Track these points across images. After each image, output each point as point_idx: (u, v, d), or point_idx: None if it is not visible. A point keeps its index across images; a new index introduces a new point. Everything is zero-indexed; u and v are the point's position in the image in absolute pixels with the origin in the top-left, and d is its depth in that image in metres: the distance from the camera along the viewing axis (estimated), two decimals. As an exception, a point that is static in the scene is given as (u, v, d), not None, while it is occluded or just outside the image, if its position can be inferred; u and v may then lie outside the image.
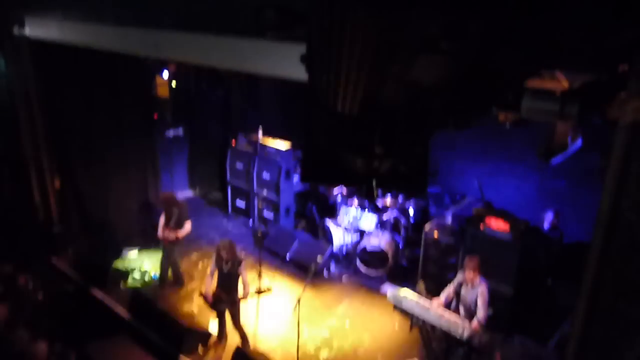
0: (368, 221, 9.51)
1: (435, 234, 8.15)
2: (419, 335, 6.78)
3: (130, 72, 9.34)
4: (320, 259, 8.82)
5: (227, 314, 7.09)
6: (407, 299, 6.64)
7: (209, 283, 7.01)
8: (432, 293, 6.89)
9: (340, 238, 9.65)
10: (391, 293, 6.85)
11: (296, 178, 10.58)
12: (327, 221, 9.90)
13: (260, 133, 10.58)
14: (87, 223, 9.84)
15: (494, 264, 7.14)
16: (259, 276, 8.63)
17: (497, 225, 7.31)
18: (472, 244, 7.54)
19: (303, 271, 8.88)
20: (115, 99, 9.30)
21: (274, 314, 8.09)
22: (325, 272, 9.27)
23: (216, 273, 6.97)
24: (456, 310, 6.56)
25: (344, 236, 9.67)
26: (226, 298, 6.82)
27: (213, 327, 7.41)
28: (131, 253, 9.67)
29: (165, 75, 11.15)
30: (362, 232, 9.66)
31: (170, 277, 8.69)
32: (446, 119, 1.99)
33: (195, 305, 8.21)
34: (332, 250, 9.44)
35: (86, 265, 8.85)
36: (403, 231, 9.52)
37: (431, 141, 2.39)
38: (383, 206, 9.72)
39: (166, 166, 11.60)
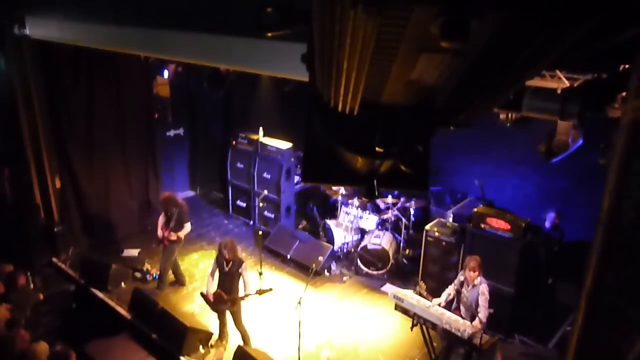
0: (369, 220, 9.52)
1: (436, 233, 8.15)
2: (420, 334, 6.78)
3: (130, 72, 9.34)
4: (321, 259, 8.83)
5: (228, 314, 7.09)
6: (408, 298, 6.64)
7: (210, 282, 7.02)
8: (433, 292, 6.89)
9: (341, 237, 9.65)
10: (392, 292, 6.85)
11: (297, 178, 10.58)
12: (328, 221, 9.91)
13: (261, 132, 10.58)
14: (88, 223, 9.85)
15: (495, 264, 7.14)
16: (260, 276, 8.63)
17: (498, 224, 7.31)
18: (473, 244, 7.54)
19: (304, 271, 8.88)
20: (115, 99, 9.30)
21: (275, 314, 8.09)
22: (326, 272, 9.27)
23: (217, 273, 6.97)
24: (457, 309, 6.56)
25: (345, 235, 9.67)
26: (227, 298, 6.82)
27: (214, 327, 7.41)
28: (132, 252, 9.67)
29: (165, 74, 11.15)
30: (363, 232, 9.66)
31: (170, 278, 8.69)
32: (447, 118, 1.99)
33: (196, 304, 8.22)
34: (333, 249, 9.44)
35: (87, 264, 8.85)
36: (404, 230, 9.53)
37: (432, 140, 2.39)
38: (384, 206, 9.72)
39: (167, 166, 11.60)
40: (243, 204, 11.18)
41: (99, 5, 6.54)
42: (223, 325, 7.25)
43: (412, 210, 9.61)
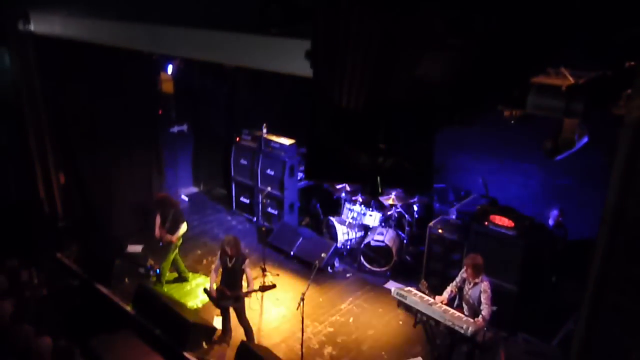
0: (372, 217, 9.51)
1: (439, 231, 8.14)
2: (423, 331, 6.78)
3: (134, 68, 9.34)
4: (324, 256, 8.84)
5: (231, 310, 7.10)
6: (411, 296, 6.64)
7: (213, 279, 7.04)
8: (436, 290, 6.89)
9: (344, 234, 9.65)
10: (395, 289, 6.85)
11: (300, 174, 10.57)
12: (331, 217, 9.91)
13: (264, 129, 10.58)
14: (92, 218, 9.88)
15: (499, 261, 7.13)
16: (263, 272, 8.65)
17: (502, 222, 7.29)
18: (477, 241, 7.53)
19: (307, 267, 8.88)
20: (119, 95, 9.31)
21: (278, 310, 8.10)
22: (329, 269, 9.27)
23: (220, 269, 6.98)
24: (459, 307, 6.56)
25: (348, 232, 9.67)
26: (230, 294, 6.84)
27: (217, 323, 7.43)
28: (136, 248, 9.69)
29: (169, 70, 11.14)
30: (367, 229, 9.66)
31: (173, 274, 8.68)
32: (451, 115, 1.99)
33: (199, 300, 8.24)
34: (336, 246, 9.44)
35: (91, 260, 8.88)
36: (407, 227, 9.52)
37: (436, 137, 2.39)
38: (387, 202, 9.71)
39: (170, 162, 11.61)
40: (246, 201, 11.19)
41: (103, 1, 6.54)
42: (226, 321, 7.26)
43: (416, 207, 9.59)
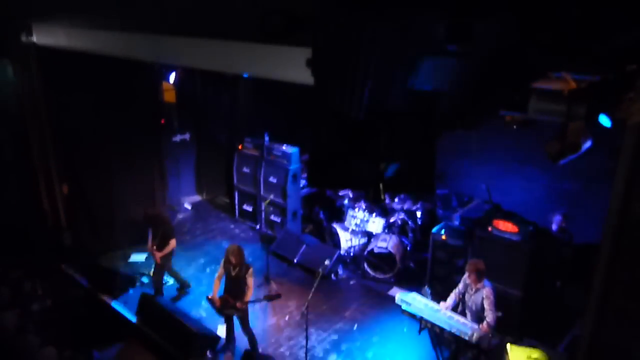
0: (375, 224, 9.49)
1: (443, 237, 8.12)
2: (428, 338, 6.75)
3: (137, 78, 9.37)
4: (327, 263, 8.82)
5: (235, 318, 7.09)
6: (416, 302, 6.62)
7: (217, 287, 7.03)
8: (440, 296, 6.86)
9: (347, 241, 9.63)
10: (399, 296, 6.82)
11: (303, 182, 10.57)
12: (334, 224, 9.89)
13: (267, 137, 10.60)
14: (95, 229, 9.89)
15: (502, 267, 7.10)
16: (267, 281, 8.64)
17: (506, 227, 7.27)
18: (481, 246, 7.51)
19: (310, 275, 8.86)
20: (122, 105, 9.33)
21: (282, 318, 8.08)
22: (332, 276, 9.25)
23: (224, 277, 6.98)
24: (462, 313, 6.53)
25: (352, 239, 9.65)
26: (233, 302, 6.82)
27: (221, 332, 7.41)
28: (139, 258, 9.69)
29: (171, 80, 11.19)
30: (370, 235, 9.64)
31: (159, 291, 8.56)
32: (453, 121, 1.99)
33: (203, 309, 8.22)
34: (340, 253, 9.43)
35: (94, 270, 8.87)
36: (411, 234, 9.50)
37: (438, 143, 2.39)
38: (390, 209, 9.70)
39: (173, 171, 11.64)
40: (249, 208, 11.19)
41: (105, 12, 6.58)
42: (230, 329, 7.24)
43: (419, 213, 9.58)
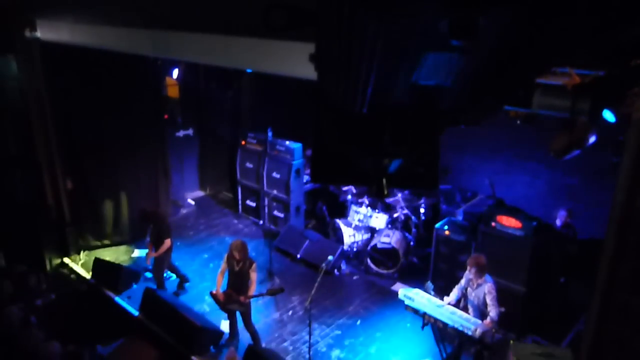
0: (379, 219, 9.49)
1: (446, 232, 8.12)
2: (431, 333, 6.76)
3: (140, 73, 9.38)
4: (330, 258, 8.82)
5: (238, 314, 7.10)
6: (419, 298, 6.62)
7: (220, 282, 7.04)
8: (444, 291, 6.86)
9: (350, 237, 9.64)
10: (402, 292, 6.83)
11: (306, 177, 10.57)
12: (338, 220, 9.89)
13: (270, 132, 10.59)
14: (99, 223, 9.92)
15: (506, 262, 7.10)
16: (270, 276, 8.65)
17: (509, 222, 7.25)
18: (484, 242, 7.50)
19: (314, 270, 8.87)
20: (125, 100, 9.35)
21: (285, 313, 8.10)
22: (336, 271, 9.26)
23: (227, 272, 6.99)
24: (465, 309, 6.53)
25: (355, 235, 9.65)
26: (236, 297, 6.84)
27: (225, 327, 7.43)
28: (143, 253, 9.71)
29: (175, 75, 11.18)
30: (373, 231, 9.64)
31: (161, 285, 8.59)
32: (457, 116, 1.98)
33: (206, 304, 8.24)
34: (343, 249, 9.43)
35: (98, 265, 8.90)
36: (414, 229, 9.49)
37: (442, 138, 2.38)
38: (394, 204, 9.69)
39: (177, 166, 11.65)
40: (253, 204, 11.20)
41: (109, 7, 6.57)
42: (233, 325, 7.26)
43: (422, 208, 9.57)
